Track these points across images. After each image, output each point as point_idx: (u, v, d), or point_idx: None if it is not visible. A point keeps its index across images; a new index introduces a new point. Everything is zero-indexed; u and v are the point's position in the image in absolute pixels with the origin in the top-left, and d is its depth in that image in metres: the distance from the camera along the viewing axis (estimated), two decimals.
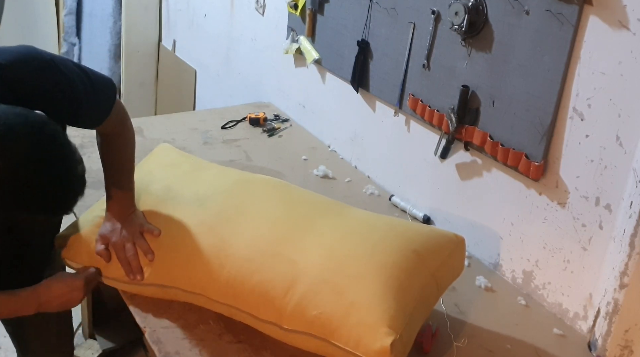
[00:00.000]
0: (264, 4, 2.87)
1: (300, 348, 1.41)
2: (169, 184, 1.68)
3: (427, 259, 1.47)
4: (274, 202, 1.60)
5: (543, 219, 1.72)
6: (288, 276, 1.40)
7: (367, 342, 1.29)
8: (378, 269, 1.39)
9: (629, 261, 1.47)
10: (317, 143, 2.58)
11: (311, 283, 1.38)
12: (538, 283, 1.77)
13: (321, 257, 1.42)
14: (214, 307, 1.50)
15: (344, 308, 1.34)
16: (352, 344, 1.31)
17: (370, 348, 1.29)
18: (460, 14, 1.78)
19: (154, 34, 4.01)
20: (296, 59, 2.70)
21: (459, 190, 1.98)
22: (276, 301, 1.39)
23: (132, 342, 2.27)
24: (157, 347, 1.43)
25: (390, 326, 1.30)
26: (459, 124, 1.87)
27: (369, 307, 1.33)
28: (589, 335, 1.63)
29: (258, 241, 1.48)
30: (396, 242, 1.47)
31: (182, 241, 1.52)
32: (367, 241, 1.47)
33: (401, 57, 2.08)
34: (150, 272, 1.52)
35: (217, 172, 1.75)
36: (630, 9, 1.44)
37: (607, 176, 1.55)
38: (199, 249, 1.49)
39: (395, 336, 1.29)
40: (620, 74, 1.48)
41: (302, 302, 1.36)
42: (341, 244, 1.46)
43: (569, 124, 1.62)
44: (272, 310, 1.40)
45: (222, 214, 1.55)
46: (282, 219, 1.53)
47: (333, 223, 1.53)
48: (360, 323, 1.31)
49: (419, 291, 1.42)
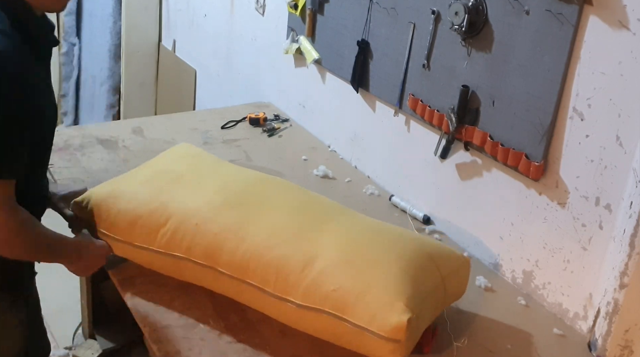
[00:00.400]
0: (264, 4, 2.87)
1: (306, 329, 1.43)
2: (192, 167, 1.73)
3: (440, 264, 1.50)
4: (295, 196, 1.66)
5: (543, 219, 1.72)
6: (307, 253, 1.44)
7: (383, 317, 1.32)
8: (395, 259, 1.43)
9: (629, 261, 1.47)
10: (317, 143, 2.58)
11: (330, 261, 1.42)
12: (538, 283, 1.77)
13: (340, 242, 1.47)
14: (222, 284, 1.51)
15: (361, 285, 1.37)
16: (367, 319, 1.33)
17: (386, 322, 1.31)
18: (460, 14, 1.78)
19: (154, 34, 4.01)
20: (296, 59, 2.70)
21: (459, 190, 1.98)
22: (292, 275, 1.41)
23: (132, 342, 2.27)
24: (157, 347, 1.43)
25: (407, 304, 1.33)
26: (459, 124, 1.87)
27: (386, 287, 1.36)
28: (589, 335, 1.63)
29: (280, 223, 1.52)
30: (411, 243, 1.53)
31: (201, 212, 1.54)
32: (384, 237, 1.52)
33: (401, 57, 2.08)
34: (165, 240, 1.53)
35: (239, 168, 1.81)
36: (630, 9, 1.44)
37: (607, 176, 1.55)
38: (218, 223, 1.52)
39: (411, 314, 1.32)
40: (620, 74, 1.48)
41: (320, 278, 1.39)
42: (360, 235, 1.51)
43: (569, 124, 1.62)
44: (286, 285, 1.42)
45: (245, 198, 1.60)
46: (303, 210, 1.59)
47: (351, 219, 1.59)
48: (377, 300, 1.34)
49: (431, 289, 1.45)
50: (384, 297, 1.35)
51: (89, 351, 2.26)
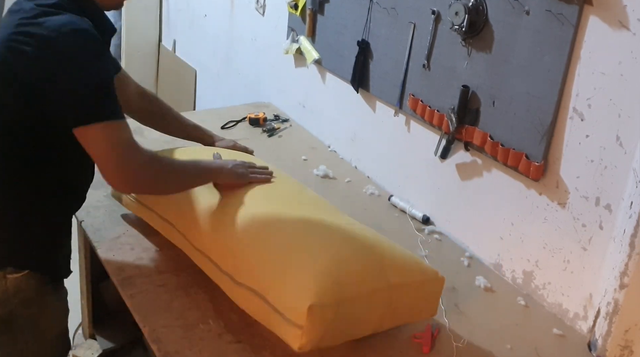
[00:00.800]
0: (264, 4, 2.87)
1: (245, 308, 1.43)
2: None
3: (392, 271, 1.42)
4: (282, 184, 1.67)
5: (543, 219, 1.72)
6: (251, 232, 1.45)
7: (292, 300, 1.30)
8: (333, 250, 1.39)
9: (629, 261, 1.47)
10: (317, 143, 2.58)
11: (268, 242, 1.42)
12: (538, 283, 1.77)
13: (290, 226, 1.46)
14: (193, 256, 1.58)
15: (283, 267, 1.35)
16: (280, 301, 1.32)
17: (292, 306, 1.29)
18: (460, 14, 1.78)
19: (154, 34, 4.01)
20: (296, 59, 2.70)
21: (459, 190, 1.98)
22: (237, 254, 1.44)
23: (132, 342, 2.27)
24: (157, 347, 1.43)
25: (319, 292, 1.29)
26: (459, 124, 1.87)
27: (307, 272, 1.32)
28: (589, 335, 1.63)
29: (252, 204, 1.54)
30: (368, 243, 1.46)
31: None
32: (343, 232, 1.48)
33: (401, 57, 2.08)
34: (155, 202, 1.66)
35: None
36: (630, 9, 1.44)
37: (607, 176, 1.55)
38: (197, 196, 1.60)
39: (316, 302, 1.27)
40: (620, 74, 1.48)
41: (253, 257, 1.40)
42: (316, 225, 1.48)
43: (569, 124, 1.62)
44: (232, 262, 1.45)
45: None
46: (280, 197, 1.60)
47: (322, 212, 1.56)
48: (293, 283, 1.32)
49: (366, 291, 1.37)
50: (300, 281, 1.31)
51: (89, 351, 2.26)
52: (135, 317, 1.53)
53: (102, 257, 1.70)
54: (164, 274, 1.65)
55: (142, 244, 1.76)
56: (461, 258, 1.92)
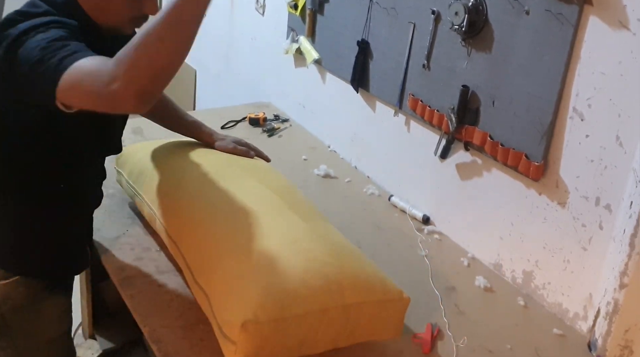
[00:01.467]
0: (264, 4, 2.88)
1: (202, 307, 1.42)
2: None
3: (350, 291, 1.36)
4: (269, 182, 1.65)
5: (543, 219, 1.72)
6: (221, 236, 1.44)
7: (229, 314, 1.28)
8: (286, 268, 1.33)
9: (629, 261, 1.47)
10: (317, 143, 2.58)
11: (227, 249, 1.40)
12: (538, 283, 1.77)
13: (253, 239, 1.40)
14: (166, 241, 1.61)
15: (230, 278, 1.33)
16: (220, 313, 1.31)
17: (227, 319, 1.28)
18: (460, 14, 1.78)
19: None
20: (296, 59, 2.70)
21: (459, 190, 1.98)
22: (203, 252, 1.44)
23: (132, 342, 2.27)
24: (157, 347, 1.43)
25: (257, 309, 1.25)
26: (459, 124, 1.87)
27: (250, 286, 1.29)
28: (589, 335, 1.63)
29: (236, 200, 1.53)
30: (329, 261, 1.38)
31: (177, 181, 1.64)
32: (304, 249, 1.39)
33: (401, 57, 2.08)
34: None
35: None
36: (630, 9, 1.44)
37: (607, 176, 1.55)
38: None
39: (251, 319, 1.24)
40: (620, 74, 1.48)
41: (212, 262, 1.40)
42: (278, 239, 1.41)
43: (569, 124, 1.62)
44: (199, 258, 1.45)
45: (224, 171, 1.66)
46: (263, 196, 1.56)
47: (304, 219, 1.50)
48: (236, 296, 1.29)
49: (318, 308, 1.32)
50: (242, 296, 1.28)
51: (89, 351, 2.26)
52: (135, 318, 1.53)
53: (102, 257, 1.71)
54: (164, 274, 1.65)
55: (142, 244, 1.76)
56: (461, 258, 1.92)
